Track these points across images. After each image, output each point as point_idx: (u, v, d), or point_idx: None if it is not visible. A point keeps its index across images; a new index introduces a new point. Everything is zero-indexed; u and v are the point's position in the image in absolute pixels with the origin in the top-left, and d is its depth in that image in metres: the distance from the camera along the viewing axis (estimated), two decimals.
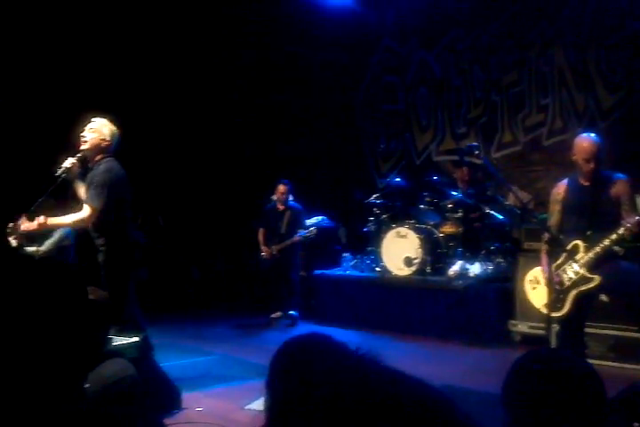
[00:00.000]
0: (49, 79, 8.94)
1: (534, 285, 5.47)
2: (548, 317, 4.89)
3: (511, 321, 7.25)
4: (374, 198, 9.03)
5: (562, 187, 5.18)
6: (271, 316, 8.95)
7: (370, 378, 1.12)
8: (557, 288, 4.95)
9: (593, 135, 5.04)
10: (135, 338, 4.39)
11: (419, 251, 8.18)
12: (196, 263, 10.88)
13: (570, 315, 4.95)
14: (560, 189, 5.19)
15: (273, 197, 9.16)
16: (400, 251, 8.33)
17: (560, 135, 8.61)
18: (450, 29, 9.78)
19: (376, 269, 8.77)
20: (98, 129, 5.27)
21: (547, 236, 5.05)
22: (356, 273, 9.09)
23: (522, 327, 7.14)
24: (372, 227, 8.99)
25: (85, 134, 5.24)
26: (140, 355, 4.38)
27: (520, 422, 1.83)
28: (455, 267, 7.91)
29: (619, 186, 4.94)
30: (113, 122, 5.37)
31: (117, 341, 4.25)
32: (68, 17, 8.96)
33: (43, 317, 1.59)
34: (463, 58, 9.75)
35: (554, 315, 4.93)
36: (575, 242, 4.95)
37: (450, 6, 9.57)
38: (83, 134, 5.24)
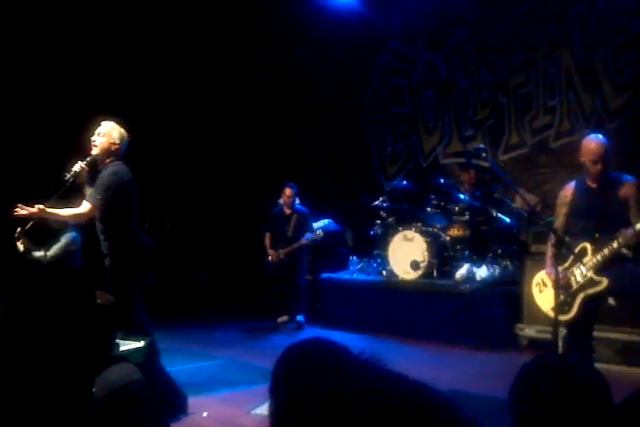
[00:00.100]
0: (58, 83, 8.97)
1: (541, 288, 5.44)
2: (555, 320, 4.86)
3: (518, 325, 7.21)
4: (381, 201, 9.01)
5: (569, 189, 5.15)
6: (278, 320, 8.94)
7: (373, 383, 1.11)
8: (565, 291, 4.92)
9: (600, 136, 5.01)
10: (141, 342, 4.40)
11: (425, 254, 8.16)
12: (204, 267, 10.89)
13: (577, 318, 4.92)
14: (568, 192, 5.16)
15: (280, 200, 9.16)
16: (407, 254, 8.31)
17: (567, 137, 8.58)
18: (456, 31, 9.77)
19: (383, 273, 8.75)
20: (107, 133, 5.29)
21: (553, 238, 5.02)
22: (363, 277, 9.08)
23: (529, 331, 7.11)
24: (379, 230, 8.98)
25: (95, 139, 5.27)
26: (147, 359, 4.38)
27: None
28: (462, 270, 7.88)
29: (627, 188, 4.91)
30: (121, 126, 5.39)
31: (124, 345, 4.25)
32: (78, 21, 8.98)
33: (51, 321, 1.59)
34: (470, 60, 9.73)
35: (561, 318, 4.90)
36: (583, 245, 4.92)
37: (456, 8, 9.56)
38: (93, 139, 5.27)
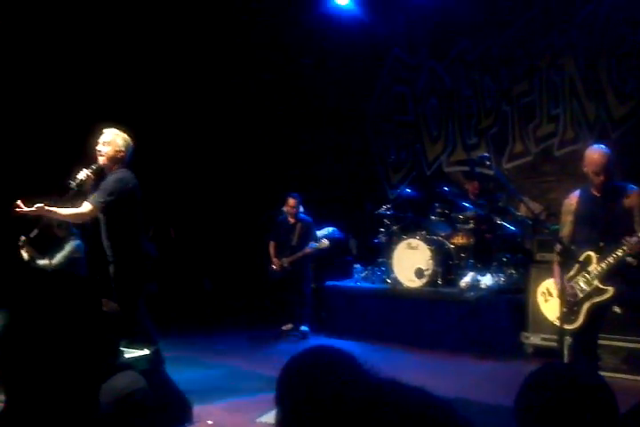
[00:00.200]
0: (63, 89, 9.01)
1: (547, 297, 5.43)
2: (560, 329, 4.85)
3: (523, 333, 7.20)
4: (385, 209, 9.00)
5: (574, 198, 5.15)
6: (282, 328, 8.93)
7: (377, 391, 1.12)
8: (570, 300, 4.91)
9: (603, 147, 5.01)
10: (146, 350, 4.39)
11: (430, 262, 8.15)
12: (208, 275, 10.89)
13: (583, 327, 4.91)
14: (572, 200, 5.16)
15: (284, 208, 9.17)
16: (411, 262, 8.31)
17: (571, 145, 8.59)
18: (460, 40, 9.79)
19: (387, 281, 8.74)
20: (112, 141, 5.28)
21: (559, 247, 5.01)
22: (367, 285, 9.06)
23: (534, 339, 7.09)
24: (383, 238, 8.97)
25: (100, 148, 5.25)
26: (152, 367, 4.37)
27: None
28: (467, 278, 7.87)
29: (632, 197, 4.91)
30: (125, 132, 5.38)
31: (128, 353, 4.25)
32: (83, 30, 9.03)
33: (56, 329, 1.59)
34: (473, 68, 9.75)
35: (567, 327, 4.89)
36: (588, 253, 4.92)
37: (460, 17, 9.58)
38: (98, 148, 5.25)
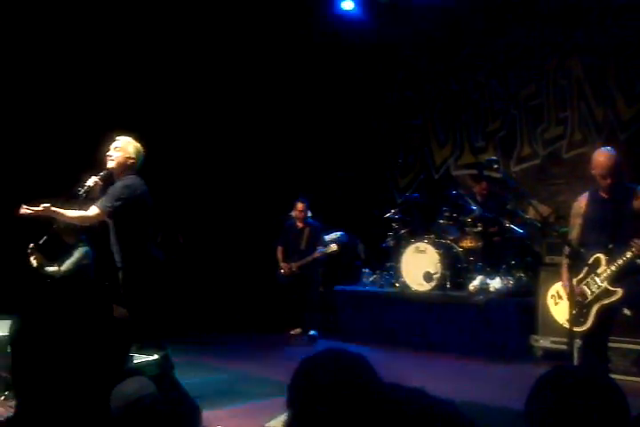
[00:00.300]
0: (75, 98, 9.04)
1: (557, 300, 5.42)
2: (570, 331, 4.84)
3: (533, 336, 7.18)
4: (393, 213, 9.00)
5: (583, 200, 5.14)
6: (290, 332, 8.93)
7: (388, 393, 1.12)
8: (580, 302, 4.90)
9: (610, 149, 5.00)
10: (155, 356, 4.40)
11: (438, 266, 8.13)
12: (216, 280, 10.89)
13: (593, 329, 4.90)
14: (581, 203, 5.15)
15: (292, 213, 9.18)
16: (419, 266, 8.29)
17: (580, 148, 8.57)
18: (467, 43, 9.79)
19: (395, 285, 8.73)
20: (123, 147, 5.33)
21: (568, 250, 5.00)
22: (376, 289, 9.06)
23: (544, 342, 7.07)
24: (391, 242, 8.97)
25: (111, 153, 5.31)
26: (161, 372, 4.38)
27: None
28: (475, 282, 7.86)
29: None
30: (136, 140, 5.43)
31: (138, 358, 4.26)
32: (93, 37, 9.06)
33: (67, 334, 1.60)
34: (481, 71, 9.75)
35: (576, 330, 4.88)
36: (597, 255, 4.91)
37: (467, 20, 9.58)
38: (108, 153, 5.31)
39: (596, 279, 4.89)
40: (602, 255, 4.88)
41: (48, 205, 5.00)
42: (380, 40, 10.42)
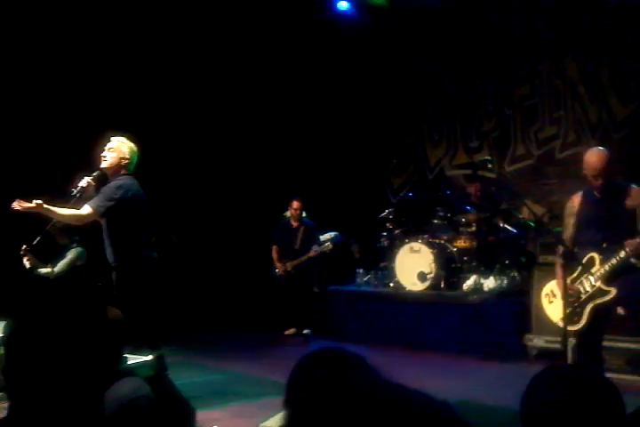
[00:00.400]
0: (67, 97, 9.01)
1: (551, 298, 5.42)
2: (564, 330, 4.85)
3: (527, 335, 7.18)
4: (387, 213, 9.01)
5: (576, 200, 5.15)
6: (285, 332, 8.93)
7: (388, 393, 1.12)
8: (573, 302, 4.91)
9: (601, 149, 5.00)
10: (150, 356, 4.39)
11: (432, 266, 8.14)
12: (210, 280, 10.87)
13: (587, 328, 4.91)
14: (575, 202, 5.15)
15: (287, 213, 9.18)
16: (414, 266, 8.30)
17: (574, 148, 8.57)
18: (462, 43, 9.79)
19: (390, 285, 8.73)
20: (117, 148, 5.33)
21: (561, 249, 5.00)
22: (370, 289, 9.06)
23: (538, 342, 7.07)
24: (386, 242, 8.97)
25: (105, 154, 5.31)
26: (155, 373, 4.37)
27: None
28: (469, 281, 7.87)
29: (633, 197, 4.89)
30: (131, 140, 5.42)
31: (132, 359, 4.25)
32: (88, 37, 9.03)
33: (61, 336, 1.59)
34: (475, 71, 9.75)
35: (570, 329, 4.89)
36: (591, 255, 4.91)
37: (462, 20, 9.58)
38: (103, 154, 5.30)
39: (590, 279, 4.90)
40: (596, 255, 4.89)
41: (41, 201, 4.97)
42: (375, 40, 10.41)
